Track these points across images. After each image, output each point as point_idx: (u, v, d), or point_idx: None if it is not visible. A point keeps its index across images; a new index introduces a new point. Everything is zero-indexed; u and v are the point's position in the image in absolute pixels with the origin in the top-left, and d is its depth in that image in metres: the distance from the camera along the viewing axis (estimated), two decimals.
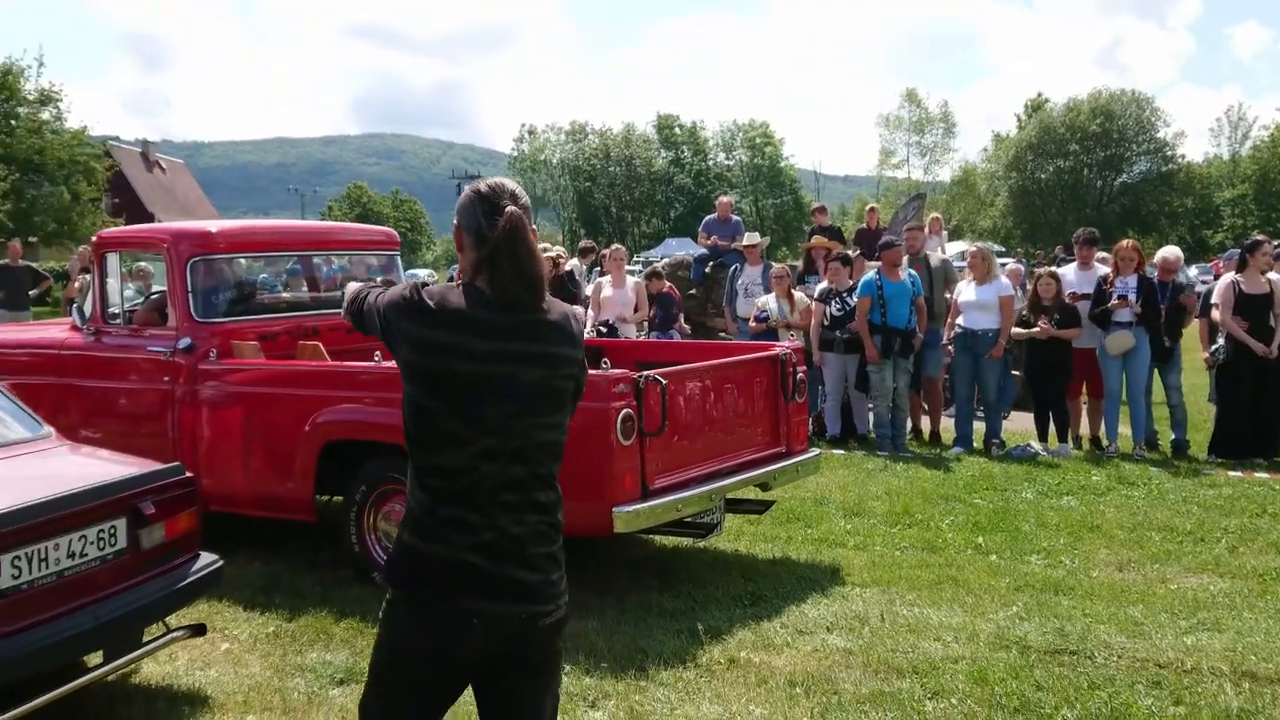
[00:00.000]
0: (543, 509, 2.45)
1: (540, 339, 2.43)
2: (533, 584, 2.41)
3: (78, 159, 36.15)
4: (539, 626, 2.43)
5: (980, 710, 4.05)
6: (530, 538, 2.42)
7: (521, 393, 2.39)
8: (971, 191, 65.31)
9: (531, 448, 2.41)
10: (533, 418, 2.41)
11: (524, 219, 2.43)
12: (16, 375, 6.20)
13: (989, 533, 6.63)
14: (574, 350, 2.49)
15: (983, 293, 9.12)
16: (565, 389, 2.47)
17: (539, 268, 2.43)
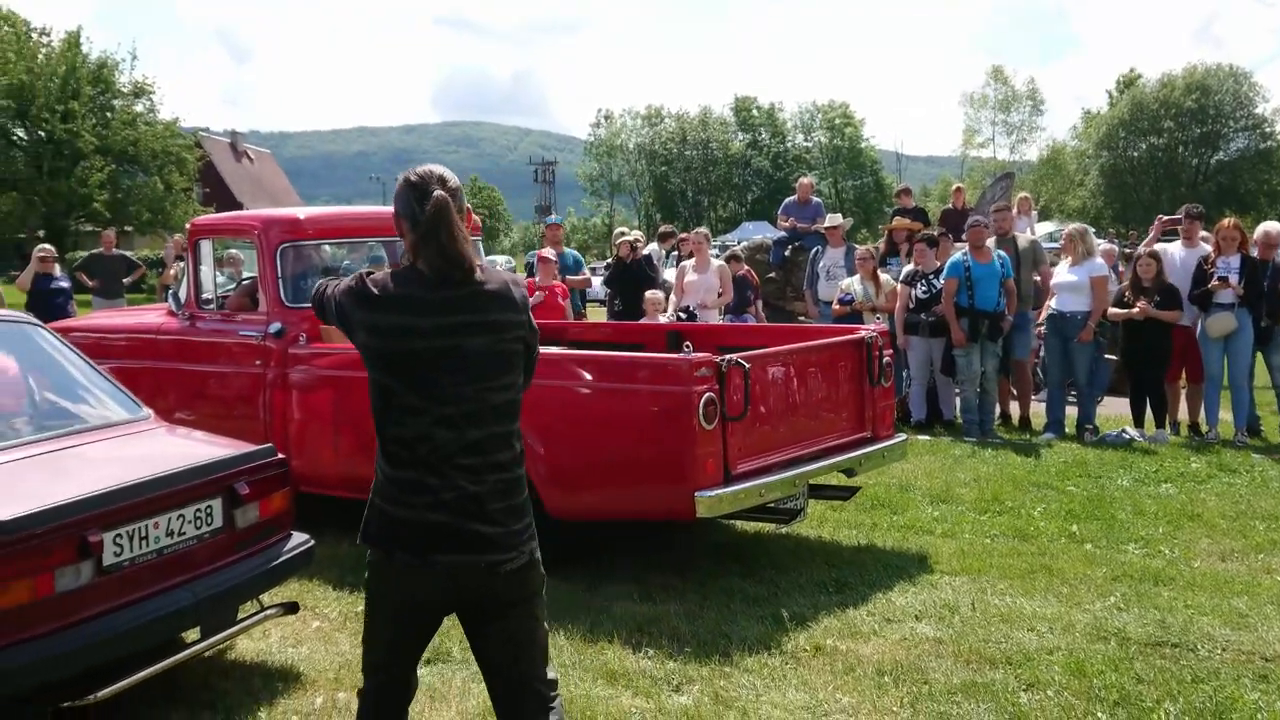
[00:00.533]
0: (501, 467, 2.68)
1: (481, 309, 2.65)
2: (492, 536, 2.64)
3: (170, 150, 37.20)
4: (501, 573, 2.67)
5: (1078, 703, 3.93)
6: (489, 495, 2.65)
7: (468, 362, 2.62)
8: (1060, 171, 63.56)
9: (486, 411, 2.65)
10: (482, 383, 2.64)
11: (449, 202, 2.63)
12: (116, 359, 6.39)
13: (1083, 521, 6.44)
14: (517, 314, 2.70)
15: (1075, 273, 8.85)
16: (513, 351, 2.70)
17: (460, 246, 2.62)
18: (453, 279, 2.63)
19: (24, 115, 34.42)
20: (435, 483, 2.62)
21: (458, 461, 2.62)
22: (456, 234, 2.62)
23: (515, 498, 2.70)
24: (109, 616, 3.39)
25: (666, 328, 7.72)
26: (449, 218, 2.62)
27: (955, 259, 9.10)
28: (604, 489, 5.31)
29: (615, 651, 4.48)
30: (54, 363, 4.40)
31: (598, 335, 8.03)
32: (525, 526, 2.72)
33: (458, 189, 2.71)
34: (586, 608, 5.00)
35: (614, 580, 5.39)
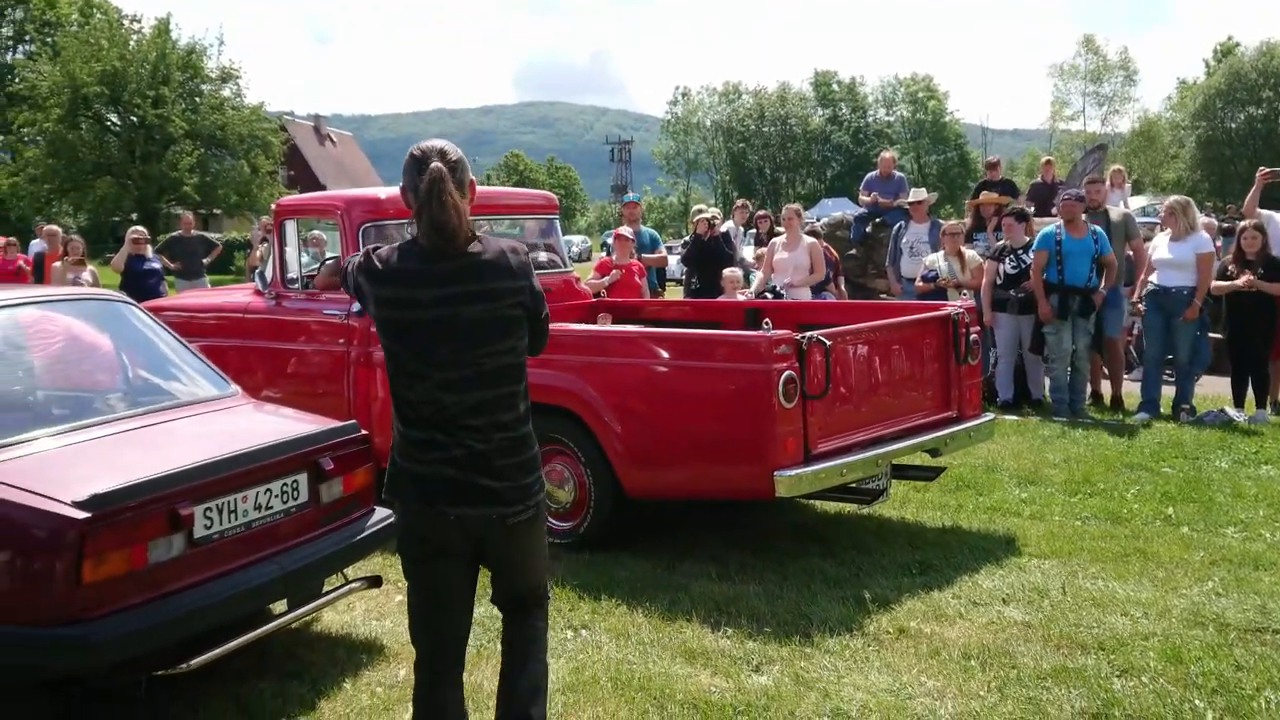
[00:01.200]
0: (505, 427, 2.85)
1: (478, 278, 2.78)
2: (499, 490, 2.84)
3: (256, 133, 38.05)
4: (509, 525, 2.89)
5: (1174, 690, 3.79)
6: (495, 453, 2.83)
7: (467, 329, 2.77)
8: (1154, 143, 61.42)
9: (487, 374, 2.80)
10: (481, 348, 2.79)
11: (443, 173, 2.73)
12: (205, 338, 6.53)
13: (1179, 503, 6.22)
14: (514, 281, 2.83)
15: (1178, 249, 8.50)
16: (512, 317, 2.84)
17: (451, 216, 2.73)
18: (448, 251, 2.76)
19: (117, 101, 35.52)
20: (445, 440, 2.81)
21: (464, 422, 2.80)
22: (448, 205, 2.72)
23: (522, 454, 2.88)
24: (199, 588, 3.47)
25: (745, 305, 7.63)
26: (439, 189, 2.72)
27: (1047, 231, 8.82)
28: (682, 468, 5.28)
29: (694, 630, 4.46)
30: (146, 340, 4.51)
31: (675, 313, 7.99)
32: (533, 481, 2.91)
33: (458, 162, 2.81)
34: (665, 586, 4.98)
35: (692, 559, 5.36)
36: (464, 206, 2.78)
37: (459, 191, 2.77)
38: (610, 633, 4.46)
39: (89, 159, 35.14)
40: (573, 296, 7.66)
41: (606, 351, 5.51)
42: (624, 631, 4.47)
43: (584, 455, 5.45)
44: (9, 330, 4.11)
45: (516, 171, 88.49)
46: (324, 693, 3.92)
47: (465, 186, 2.81)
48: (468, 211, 2.80)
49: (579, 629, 4.51)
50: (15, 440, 3.56)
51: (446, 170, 2.75)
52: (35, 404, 3.91)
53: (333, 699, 3.88)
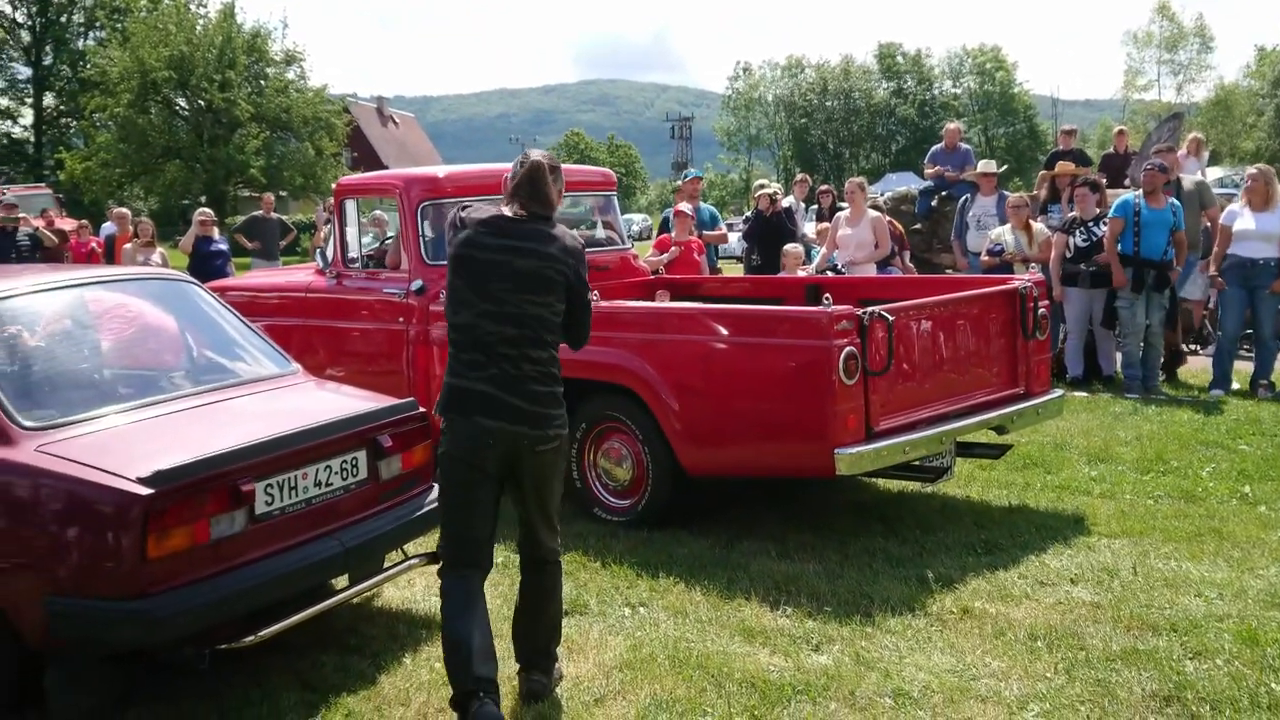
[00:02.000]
0: (535, 361, 3.44)
1: (537, 240, 3.47)
2: (527, 411, 3.41)
3: (320, 116, 38.46)
4: (535, 451, 3.47)
5: (1250, 673, 3.67)
6: (525, 378, 3.42)
7: (516, 275, 3.42)
8: (1231, 112, 59.44)
9: (525, 317, 3.42)
10: (522, 294, 3.42)
11: (542, 166, 3.52)
12: (268, 317, 6.63)
13: (1257, 482, 6.02)
14: (564, 255, 3.49)
15: (1263, 221, 8.19)
16: (554, 278, 3.46)
17: (541, 191, 3.51)
18: (524, 219, 3.48)
19: (185, 85, 36.14)
20: (484, 360, 3.41)
21: (499, 350, 3.40)
22: (542, 183, 3.50)
23: (548, 386, 3.47)
24: (261, 563, 3.52)
25: (806, 281, 7.53)
26: (537, 175, 3.50)
27: (1125, 199, 8.57)
28: (741, 446, 5.22)
29: (753, 609, 4.42)
30: (209, 319, 4.57)
31: (734, 290, 7.91)
32: (558, 415, 3.49)
33: (557, 168, 3.58)
34: (723, 564, 4.95)
35: (751, 538, 5.32)
36: (553, 195, 3.53)
37: (554, 181, 3.55)
38: (668, 610, 4.44)
39: (158, 143, 35.85)
40: (630, 274, 7.62)
41: (664, 328, 5.47)
42: (682, 609, 4.45)
43: (642, 433, 5.43)
44: (76, 310, 4.19)
45: (577, 150, 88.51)
46: (384, 667, 3.96)
47: (558, 183, 3.57)
48: (555, 201, 3.55)
49: (637, 606, 4.50)
50: (82, 418, 3.63)
51: (547, 165, 3.55)
52: (101, 382, 3.98)
53: (392, 673, 3.92)
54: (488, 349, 3.40)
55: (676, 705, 3.61)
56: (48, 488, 3.30)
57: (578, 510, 5.70)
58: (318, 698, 3.72)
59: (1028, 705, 3.54)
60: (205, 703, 3.70)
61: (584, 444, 5.68)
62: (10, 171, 34.80)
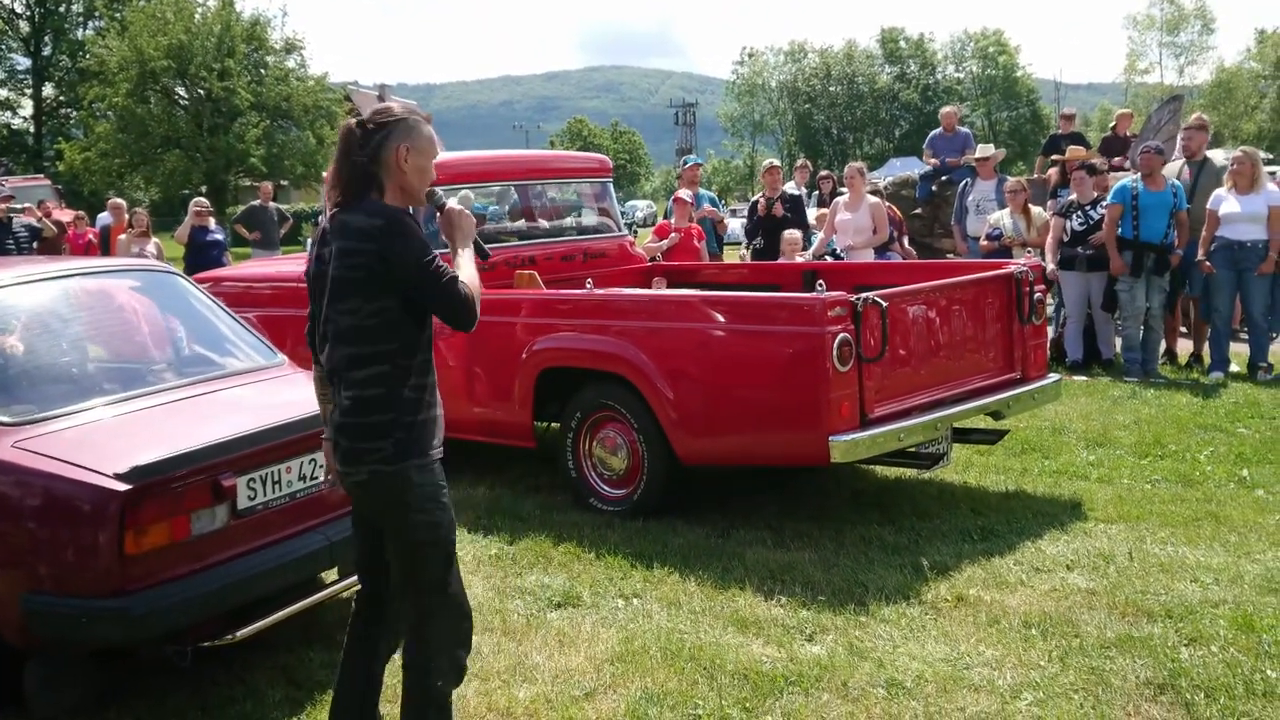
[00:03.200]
0: (354, 384, 2.86)
1: (336, 237, 2.86)
2: (344, 449, 2.89)
3: (321, 104, 38.35)
4: (349, 484, 2.94)
5: (1245, 659, 3.63)
6: (345, 409, 2.88)
7: (330, 285, 2.87)
8: (1232, 95, 59.12)
9: (339, 331, 2.87)
10: (333, 305, 2.86)
11: (346, 129, 2.92)
12: (262, 308, 6.58)
13: (1255, 465, 5.97)
14: (359, 241, 2.80)
15: (1249, 203, 8.14)
16: (350, 276, 2.81)
17: (345, 168, 2.88)
18: (333, 218, 2.90)
19: (184, 75, 36.01)
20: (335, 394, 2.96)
21: (335, 378, 2.93)
22: (340, 166, 2.89)
23: (367, 415, 2.85)
24: (244, 559, 3.48)
25: (803, 267, 7.47)
26: (338, 150, 2.91)
27: (1123, 183, 8.51)
28: (735, 434, 5.18)
29: (747, 599, 4.38)
30: (193, 311, 4.52)
31: (732, 277, 7.86)
32: (373, 447, 2.84)
33: (380, 125, 2.87)
34: (718, 553, 4.91)
35: (747, 526, 5.28)
36: (354, 170, 2.85)
37: (361, 147, 2.86)
38: (662, 601, 4.41)
39: (158, 133, 35.73)
40: (627, 261, 7.58)
41: (658, 316, 5.42)
42: (676, 600, 4.41)
43: (636, 422, 5.38)
44: (57, 303, 4.14)
45: (580, 137, 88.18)
46: None
47: (376, 148, 2.86)
48: (359, 177, 2.85)
49: (630, 597, 4.46)
50: (61, 412, 3.59)
51: (354, 127, 2.89)
52: (82, 376, 3.93)
53: None
54: (332, 379, 2.93)
55: (668, 699, 3.57)
56: (24, 484, 3.26)
57: (572, 501, 5.67)
58: (304, 695, 3.69)
59: (1021, 694, 3.50)
60: (188, 701, 3.67)
61: (579, 433, 5.64)
62: (9, 163, 34.70)
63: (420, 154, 2.89)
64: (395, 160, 2.85)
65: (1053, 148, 12.16)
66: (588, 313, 5.65)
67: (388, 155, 2.85)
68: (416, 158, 2.87)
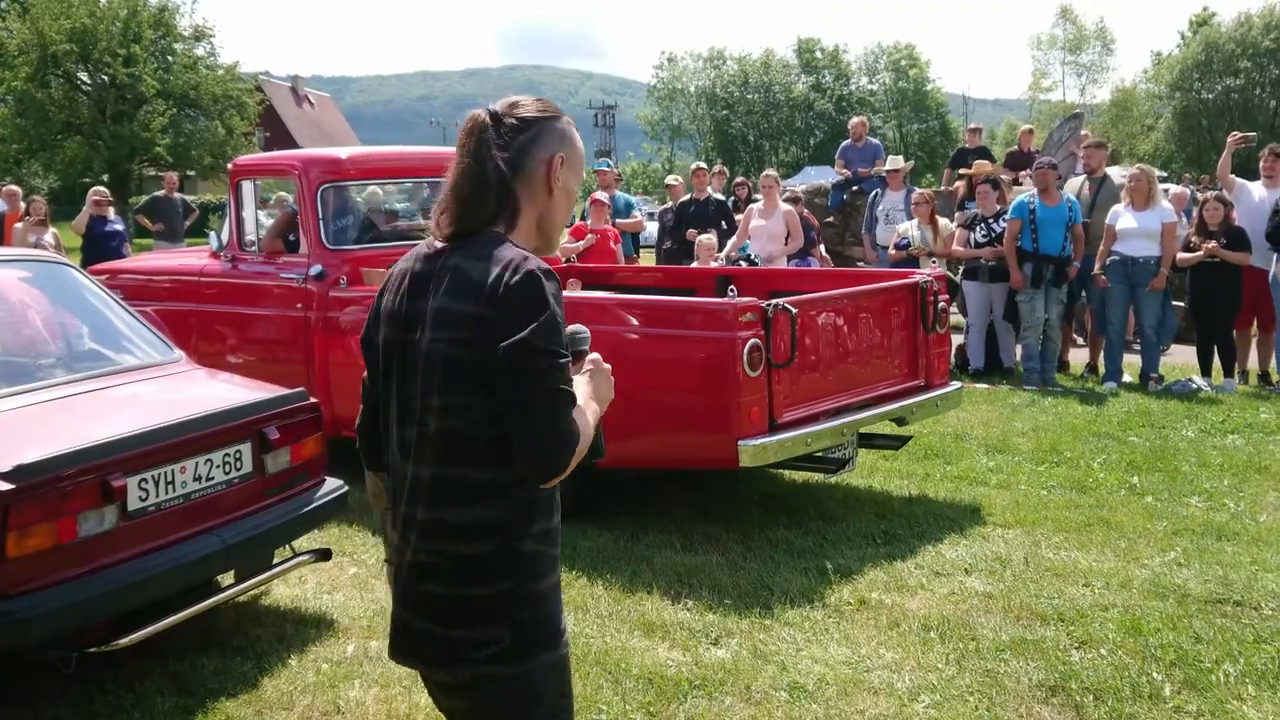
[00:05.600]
0: (443, 531, 1.90)
1: (448, 290, 1.90)
2: (426, 636, 1.92)
3: (231, 94, 37.50)
4: (434, 685, 1.99)
5: (1132, 662, 3.76)
6: (423, 571, 1.91)
7: (419, 361, 1.91)
8: (1130, 114, 61.44)
9: (430, 438, 1.90)
10: (429, 396, 1.89)
11: (481, 122, 1.96)
12: (161, 301, 6.39)
13: (1145, 473, 6.19)
14: (482, 306, 1.84)
15: (1144, 219, 8.45)
16: (459, 360, 1.86)
17: (462, 184, 1.94)
18: (439, 253, 1.97)
19: (87, 59, 34.86)
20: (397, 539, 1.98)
21: (410, 509, 1.94)
22: (463, 168, 1.95)
23: (468, 585, 1.88)
24: (134, 562, 3.37)
25: (717, 272, 7.53)
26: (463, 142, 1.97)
27: (1021, 200, 8.77)
28: (648, 438, 5.18)
29: (654, 602, 4.39)
30: (85, 304, 4.37)
31: (647, 280, 7.88)
32: (481, 638, 1.87)
33: (515, 121, 1.96)
34: (628, 557, 4.92)
35: (657, 529, 5.29)
36: (483, 175, 1.90)
37: (503, 145, 1.92)
38: (569, 606, 4.38)
39: (58, 118, 34.53)
40: None
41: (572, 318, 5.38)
42: (583, 604, 4.40)
43: None
44: None
45: None
46: (268, 669, 3.83)
47: (518, 149, 1.92)
48: (492, 189, 1.91)
49: None
50: None
51: (488, 119, 1.94)
52: None
53: (276, 675, 3.79)
54: (403, 511, 1.96)
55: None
56: None
57: None
58: (195, 702, 3.58)
59: (919, 696, 3.57)
60: (73, 710, 3.54)
61: None
62: None
63: (574, 172, 2.00)
64: (546, 175, 1.95)
65: (960, 161, 12.48)
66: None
67: (535, 167, 1.94)
68: (570, 176, 1.99)
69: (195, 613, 3.65)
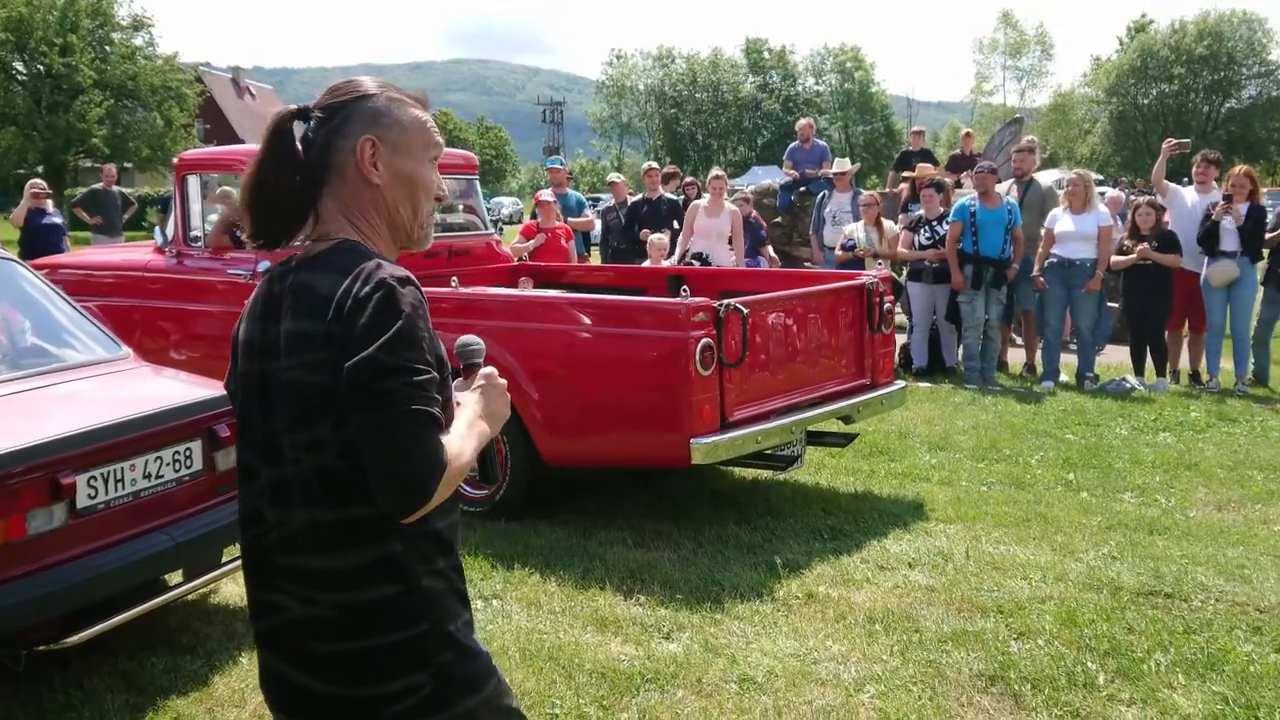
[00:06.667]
0: (330, 581, 1.67)
1: (291, 310, 1.71)
2: (329, 697, 1.68)
3: (170, 85, 36.86)
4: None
5: (1068, 652, 3.88)
6: (314, 628, 1.68)
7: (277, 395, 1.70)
8: (1068, 118, 62.75)
9: (289, 481, 1.69)
10: (286, 434, 1.68)
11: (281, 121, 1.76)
12: (103, 297, 6.30)
13: (1080, 469, 6.38)
14: (330, 323, 1.63)
15: (1081, 222, 8.69)
16: (313, 386, 1.64)
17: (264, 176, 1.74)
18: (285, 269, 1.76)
19: (22, 49, 34.04)
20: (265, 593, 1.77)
21: (286, 558, 1.72)
22: (262, 162, 1.76)
23: (370, 636, 1.66)
24: (84, 560, 3.34)
25: (668, 272, 7.60)
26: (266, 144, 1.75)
27: (962, 203, 8.97)
28: (599, 436, 5.24)
29: (606, 598, 4.44)
30: (30, 300, 4.30)
31: (598, 279, 7.92)
32: (395, 689, 1.66)
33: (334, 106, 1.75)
34: (580, 554, 4.96)
35: (609, 526, 5.34)
36: (283, 179, 1.71)
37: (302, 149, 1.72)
38: (521, 602, 4.42)
39: None
40: (493, 260, 7.55)
41: (523, 316, 5.44)
42: (536, 601, 4.43)
43: None
44: None
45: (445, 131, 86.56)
46: (218, 667, 3.81)
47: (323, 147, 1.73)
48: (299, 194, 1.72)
49: (490, 599, 4.46)
50: None
51: (292, 115, 1.75)
52: None
53: (227, 674, 3.77)
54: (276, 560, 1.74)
55: (525, 698, 3.58)
56: None
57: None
58: (145, 700, 3.56)
59: (864, 687, 3.66)
60: (22, 708, 3.49)
61: None
62: None
63: (402, 152, 1.76)
64: (356, 164, 1.73)
65: (904, 164, 12.70)
66: (452, 311, 5.60)
67: (341, 159, 1.73)
68: (397, 157, 1.75)
69: (145, 611, 3.62)
